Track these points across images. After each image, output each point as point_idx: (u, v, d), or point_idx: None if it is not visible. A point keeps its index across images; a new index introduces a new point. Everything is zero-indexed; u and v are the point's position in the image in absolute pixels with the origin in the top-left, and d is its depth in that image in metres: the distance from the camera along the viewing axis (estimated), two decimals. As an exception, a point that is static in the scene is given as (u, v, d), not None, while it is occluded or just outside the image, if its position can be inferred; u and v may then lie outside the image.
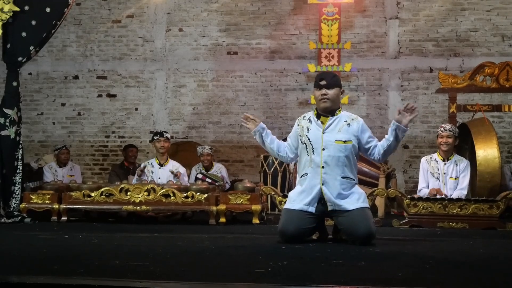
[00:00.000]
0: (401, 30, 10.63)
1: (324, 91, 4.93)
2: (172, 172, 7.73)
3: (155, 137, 7.87)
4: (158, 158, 7.88)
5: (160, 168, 7.82)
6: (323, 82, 4.96)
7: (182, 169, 7.89)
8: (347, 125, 4.96)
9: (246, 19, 10.95)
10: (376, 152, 4.96)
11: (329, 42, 9.62)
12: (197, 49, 11.08)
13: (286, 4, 10.87)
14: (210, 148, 9.07)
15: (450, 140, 7.15)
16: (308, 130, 4.99)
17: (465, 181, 7.11)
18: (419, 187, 7.26)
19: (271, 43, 10.88)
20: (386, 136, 4.94)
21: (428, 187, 7.16)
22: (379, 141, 5.01)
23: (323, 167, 4.87)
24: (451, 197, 6.89)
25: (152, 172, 7.78)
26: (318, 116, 5.02)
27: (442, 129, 7.18)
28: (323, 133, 4.93)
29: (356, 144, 4.95)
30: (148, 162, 7.98)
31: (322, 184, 4.87)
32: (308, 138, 4.95)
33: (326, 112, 4.99)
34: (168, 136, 7.97)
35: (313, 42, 9.92)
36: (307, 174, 4.95)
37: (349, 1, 9.86)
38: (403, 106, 4.89)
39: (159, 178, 7.67)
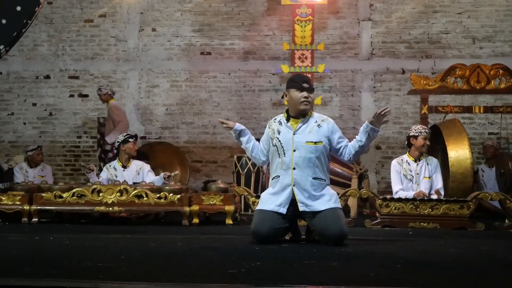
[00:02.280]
0: (374, 31, 10.71)
1: (306, 94, 4.96)
2: (168, 176, 7.52)
3: (130, 140, 7.67)
4: (122, 160, 7.72)
5: (124, 170, 7.66)
6: (305, 85, 4.97)
7: (146, 166, 7.76)
8: (318, 126, 4.98)
9: (220, 20, 10.94)
10: (347, 153, 4.99)
11: (303, 43, 9.66)
12: (171, 49, 11.04)
13: (260, 5, 10.89)
14: None
15: (429, 142, 7.23)
16: (279, 133, 5.00)
17: (439, 179, 7.17)
18: (395, 189, 7.21)
19: (245, 44, 10.89)
20: (356, 137, 4.98)
21: (403, 189, 7.18)
22: (350, 141, 5.05)
23: (294, 168, 4.89)
24: (435, 198, 6.94)
25: (116, 176, 7.60)
26: (288, 119, 5.04)
27: (426, 130, 7.21)
28: (294, 134, 4.95)
29: (327, 145, 4.98)
30: (110, 166, 7.79)
31: (293, 185, 4.89)
32: (279, 140, 4.97)
33: (303, 114, 5.01)
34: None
35: (287, 43, 9.95)
36: (279, 176, 4.97)
37: (322, 3, 9.91)
38: (380, 110, 4.90)
39: (124, 180, 7.54)
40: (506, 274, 3.68)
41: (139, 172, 7.62)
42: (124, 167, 7.66)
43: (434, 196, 7.04)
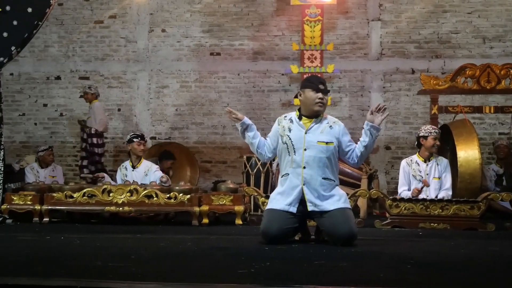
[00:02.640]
0: (383, 31, 10.69)
1: (321, 95, 4.98)
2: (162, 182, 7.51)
3: (135, 139, 7.66)
4: (132, 160, 7.75)
5: (133, 170, 7.67)
6: (321, 87, 5.00)
7: (154, 167, 7.77)
8: (329, 127, 5.01)
9: (229, 20, 10.95)
10: (354, 156, 5.01)
11: (312, 43, 9.66)
12: (180, 50, 11.06)
13: (269, 6, 10.89)
14: None
15: (439, 142, 7.22)
16: (290, 130, 5.02)
17: (448, 181, 7.14)
18: (400, 189, 7.22)
19: (254, 44, 10.89)
20: (360, 139, 5.00)
21: (409, 190, 7.18)
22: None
23: (304, 167, 4.90)
24: (438, 198, 6.93)
25: (126, 176, 7.63)
26: (300, 117, 5.05)
27: (436, 131, 7.19)
28: (306, 133, 4.96)
29: (336, 147, 4.99)
30: (122, 166, 7.83)
31: (303, 184, 4.89)
32: (290, 138, 4.98)
33: (316, 115, 5.02)
34: (146, 138, 7.94)
35: (296, 43, 9.95)
36: (288, 174, 4.97)
37: (331, 3, 9.90)
38: (375, 107, 4.97)
39: (133, 180, 7.56)
40: (516, 275, 3.68)
41: (147, 173, 7.64)
42: (134, 167, 7.68)
43: (442, 194, 7.00)
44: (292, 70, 9.77)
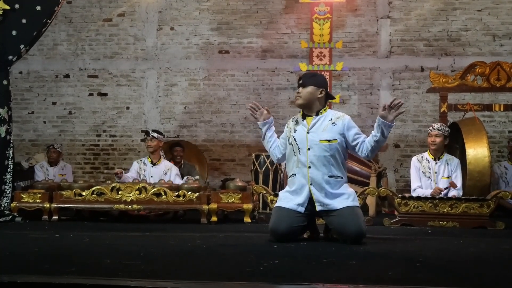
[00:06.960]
0: (393, 29, 10.65)
1: (299, 89, 5.02)
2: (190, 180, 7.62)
3: (145, 136, 7.93)
4: (150, 156, 7.86)
5: (152, 167, 7.78)
6: (300, 81, 5.07)
7: (175, 169, 7.85)
8: (332, 124, 4.97)
9: (238, 18, 10.94)
10: (364, 149, 4.95)
11: (321, 41, 9.63)
12: (189, 48, 11.06)
13: (278, 3, 10.87)
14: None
15: (438, 140, 7.15)
16: (295, 131, 5.04)
17: (458, 181, 7.12)
18: (413, 186, 7.22)
19: (263, 42, 10.88)
20: (372, 132, 4.93)
21: (422, 187, 7.16)
22: (368, 137, 5.01)
23: (309, 167, 4.89)
24: (450, 191, 6.92)
25: (144, 171, 7.75)
26: (303, 117, 5.06)
27: (430, 128, 7.20)
28: (308, 132, 4.95)
29: (342, 143, 4.96)
30: (141, 160, 7.96)
31: (310, 184, 4.89)
32: (294, 139, 5.00)
33: (304, 110, 5.06)
34: (155, 135, 7.82)
35: (305, 41, 9.93)
36: (295, 174, 4.98)
37: (340, 0, 9.87)
38: (389, 102, 4.86)
39: (151, 177, 7.65)
40: (526, 273, 3.66)
41: (167, 172, 7.71)
42: (153, 163, 7.77)
43: (453, 193, 6.99)
44: (301, 68, 9.74)
